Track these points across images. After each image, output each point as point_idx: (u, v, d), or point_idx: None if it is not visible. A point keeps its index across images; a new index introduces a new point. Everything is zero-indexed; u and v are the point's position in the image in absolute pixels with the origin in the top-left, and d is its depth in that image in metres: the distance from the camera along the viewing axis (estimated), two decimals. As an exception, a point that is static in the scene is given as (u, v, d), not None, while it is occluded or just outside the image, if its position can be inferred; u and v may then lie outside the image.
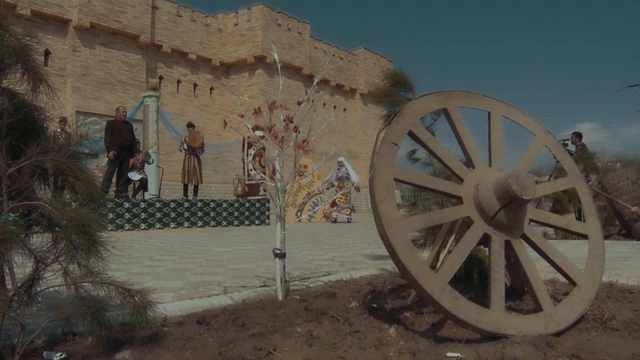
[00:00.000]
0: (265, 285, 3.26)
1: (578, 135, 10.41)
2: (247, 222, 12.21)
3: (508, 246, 2.27)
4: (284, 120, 2.94)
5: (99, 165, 15.14)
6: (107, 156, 10.32)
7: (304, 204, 15.35)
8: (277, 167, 2.92)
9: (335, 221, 14.58)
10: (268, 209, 12.83)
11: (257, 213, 12.48)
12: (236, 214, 11.95)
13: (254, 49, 25.56)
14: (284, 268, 2.87)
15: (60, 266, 1.76)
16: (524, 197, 2.13)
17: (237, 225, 11.88)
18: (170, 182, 18.05)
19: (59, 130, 12.61)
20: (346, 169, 15.33)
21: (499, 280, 2.13)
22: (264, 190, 13.16)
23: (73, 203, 1.71)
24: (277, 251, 2.86)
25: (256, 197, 12.77)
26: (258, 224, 12.44)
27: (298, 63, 27.68)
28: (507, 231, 2.26)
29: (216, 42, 25.83)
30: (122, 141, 10.22)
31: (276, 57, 3.33)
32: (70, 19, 19.67)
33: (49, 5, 19.14)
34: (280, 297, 2.77)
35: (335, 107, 31.78)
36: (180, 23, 23.99)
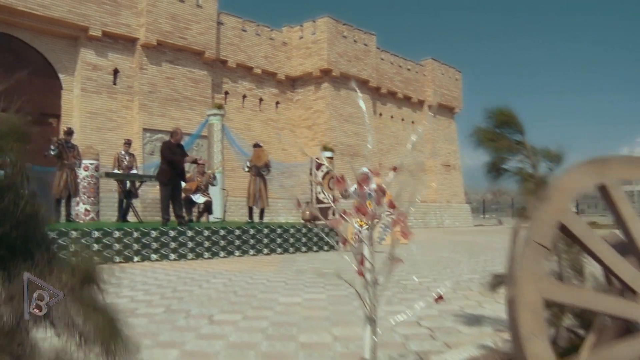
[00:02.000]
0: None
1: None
2: (315, 248, 11.55)
3: None
4: (376, 191, 2.20)
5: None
6: (158, 179, 9.85)
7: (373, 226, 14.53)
8: (367, 253, 2.18)
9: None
10: (336, 234, 12.10)
11: (325, 239, 11.78)
12: (304, 239, 11.30)
13: (319, 62, 25.03)
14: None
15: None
16: None
17: (304, 251, 11.22)
18: (235, 199, 17.67)
19: (122, 152, 12.39)
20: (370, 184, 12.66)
21: None
22: (333, 214, 12.47)
23: None
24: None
25: (325, 222, 12.08)
26: (327, 250, 11.75)
27: (364, 75, 26.96)
28: None
29: (281, 56, 25.47)
30: (177, 165, 9.69)
31: (358, 92, 2.60)
32: (137, 38, 19.72)
33: (118, 26, 19.25)
34: None
35: (403, 119, 30.86)
36: (245, 38, 23.77)
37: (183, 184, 10.63)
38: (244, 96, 24.02)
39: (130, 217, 12.55)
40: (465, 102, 35.44)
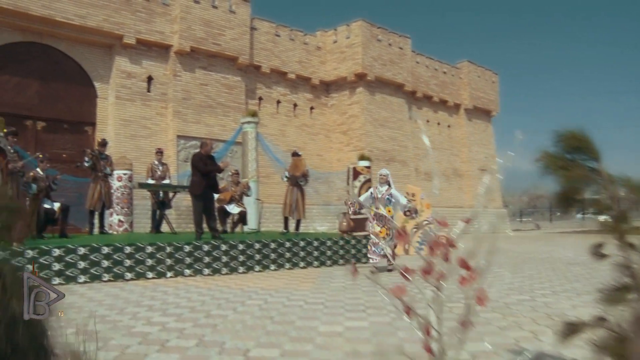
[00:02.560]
0: None
1: None
2: (352, 260, 11.15)
3: None
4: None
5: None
6: (190, 192, 9.60)
7: (412, 236, 14.09)
8: (434, 322, 1.81)
9: (373, 270, 9.24)
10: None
11: (363, 250, 11.39)
12: (341, 252, 10.93)
13: (354, 67, 24.64)
14: None
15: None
16: None
17: (342, 264, 10.84)
18: (269, 206, 17.34)
19: (156, 162, 12.21)
20: (389, 187, 9.74)
21: None
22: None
23: None
24: None
25: (362, 233, 11.68)
26: (364, 262, 11.35)
27: (400, 79, 26.47)
28: None
29: (315, 61, 25.16)
30: (209, 177, 9.42)
31: (421, 125, 2.20)
32: (171, 45, 19.65)
33: (151, 33, 19.21)
34: None
35: (439, 123, 30.24)
36: (278, 43, 23.53)
37: (216, 195, 10.39)
38: (278, 102, 23.78)
39: (164, 228, 12.39)
40: (502, 105, 34.65)
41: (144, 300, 6.27)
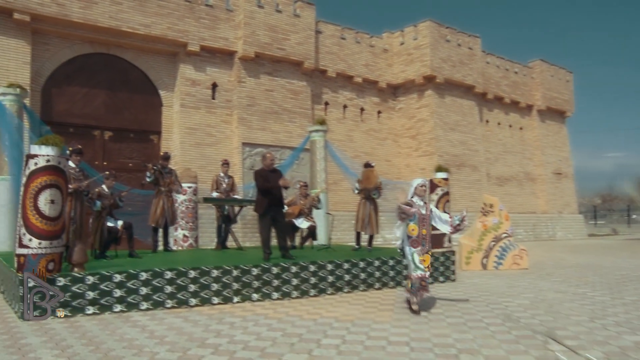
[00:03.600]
0: None
1: None
2: (429, 279, 10.24)
3: None
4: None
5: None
6: (255, 211, 8.96)
7: (490, 249, 13.07)
8: None
9: (414, 309, 7.16)
10: (453, 262, 10.77)
11: (441, 268, 10.48)
12: (418, 270, 10.04)
13: (422, 69, 23.63)
14: None
15: None
16: None
17: (419, 284, 9.95)
18: (337, 213, 16.59)
19: (222, 174, 11.69)
20: (426, 202, 7.51)
21: None
22: (449, 242, 11.14)
23: None
24: None
25: (440, 250, 10.77)
26: (442, 281, 10.44)
27: (470, 81, 25.24)
28: None
29: (382, 63, 24.29)
30: (273, 194, 8.75)
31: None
32: (235, 51, 19.29)
33: (216, 40, 18.91)
34: None
35: (510, 126, 28.77)
36: (344, 46, 22.82)
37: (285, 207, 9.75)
38: (345, 106, 23.06)
39: (230, 242, 11.87)
40: (577, 105, 32.72)
41: (209, 338, 5.63)
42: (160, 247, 10.83)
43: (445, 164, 22.36)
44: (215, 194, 11.37)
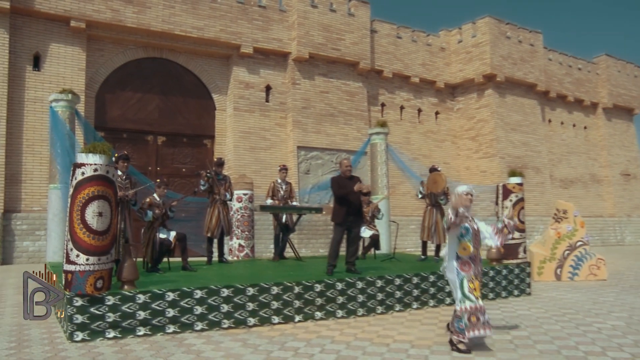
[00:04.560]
0: None
1: None
2: (504, 293, 9.39)
3: None
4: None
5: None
6: (332, 220, 8.30)
7: (564, 259, 12.05)
8: None
9: (461, 348, 5.58)
10: (529, 274, 9.85)
11: (516, 281, 9.57)
12: (491, 284, 9.20)
13: (481, 67, 22.55)
14: None
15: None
16: None
17: (492, 298, 9.11)
18: (396, 218, 15.73)
19: (279, 180, 11.10)
20: (470, 217, 5.91)
21: None
22: (524, 252, 10.21)
23: None
24: None
25: (514, 261, 9.86)
26: (517, 295, 9.54)
27: (531, 79, 23.97)
28: None
29: (439, 62, 23.32)
30: (350, 202, 8.09)
31: None
32: (289, 52, 18.78)
33: (269, 41, 18.45)
34: None
35: (574, 125, 27.24)
36: (400, 45, 21.99)
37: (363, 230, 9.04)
38: (402, 107, 22.22)
39: (288, 252, 11.27)
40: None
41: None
42: (215, 258, 10.31)
43: (507, 166, 21.26)
44: (269, 201, 10.80)
